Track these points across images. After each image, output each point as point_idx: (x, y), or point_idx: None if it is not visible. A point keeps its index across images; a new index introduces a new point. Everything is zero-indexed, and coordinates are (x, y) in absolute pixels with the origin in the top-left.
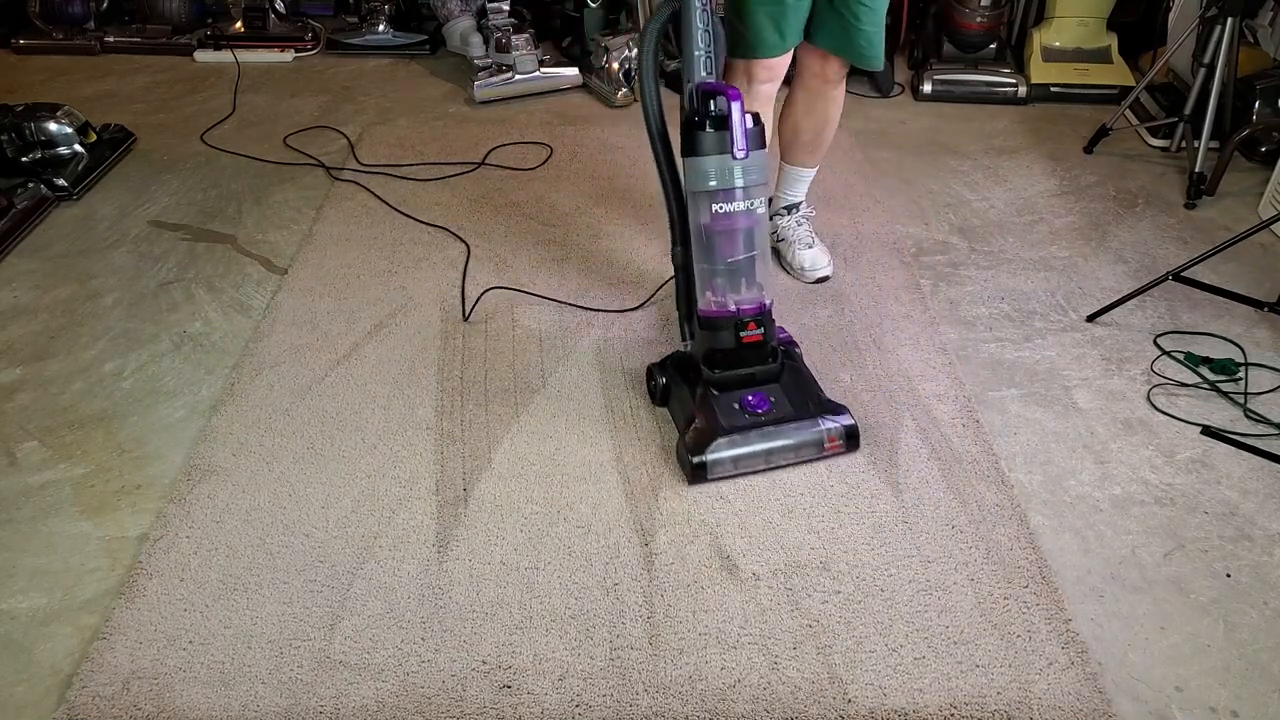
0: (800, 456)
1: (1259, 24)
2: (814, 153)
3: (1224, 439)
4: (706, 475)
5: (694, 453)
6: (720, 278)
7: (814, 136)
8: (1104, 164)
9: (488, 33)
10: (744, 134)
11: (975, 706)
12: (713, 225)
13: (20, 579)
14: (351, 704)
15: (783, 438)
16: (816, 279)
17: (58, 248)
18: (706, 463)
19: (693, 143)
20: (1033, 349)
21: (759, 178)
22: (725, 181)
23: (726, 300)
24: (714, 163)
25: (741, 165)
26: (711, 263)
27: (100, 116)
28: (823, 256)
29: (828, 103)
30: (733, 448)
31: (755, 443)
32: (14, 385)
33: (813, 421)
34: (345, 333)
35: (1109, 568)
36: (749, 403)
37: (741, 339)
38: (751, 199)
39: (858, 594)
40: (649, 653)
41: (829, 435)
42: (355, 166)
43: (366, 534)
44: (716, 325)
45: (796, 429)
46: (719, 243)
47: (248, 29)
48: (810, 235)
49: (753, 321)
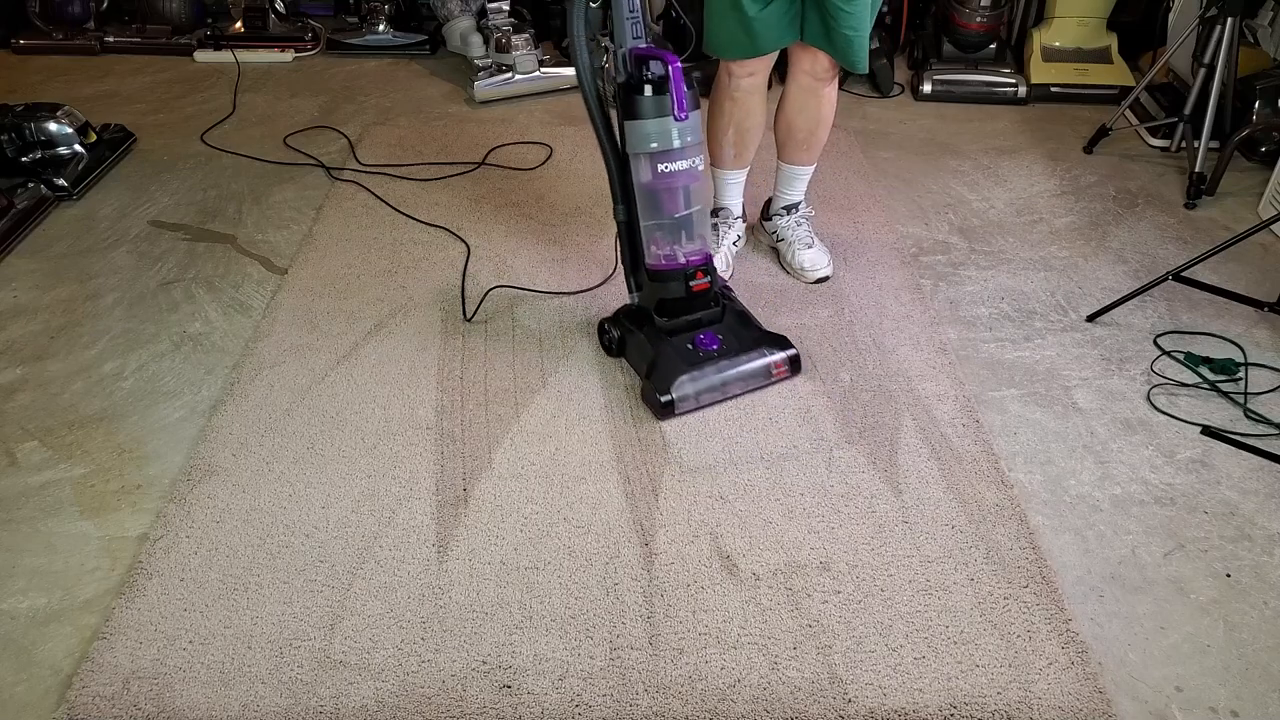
0: (750, 385)
1: (1259, 24)
2: (809, 151)
3: (1224, 439)
4: (675, 410)
5: (662, 391)
6: (666, 232)
7: (808, 135)
8: (1104, 164)
9: (488, 33)
10: (683, 97)
11: (975, 706)
12: (656, 184)
13: (20, 579)
14: (351, 704)
15: (735, 368)
16: (816, 279)
17: (58, 248)
18: (674, 399)
19: (632, 106)
20: (1033, 349)
21: (696, 137)
22: (666, 143)
23: (675, 253)
24: (654, 125)
25: (681, 126)
26: (658, 219)
27: (100, 116)
28: (822, 256)
29: (820, 101)
30: (694, 383)
31: (712, 376)
32: (14, 385)
33: (759, 353)
34: (345, 333)
35: (1109, 568)
36: (701, 341)
37: (691, 288)
38: (692, 157)
39: (858, 594)
40: (649, 653)
41: (775, 364)
42: (355, 166)
43: (366, 534)
44: (666, 277)
45: (746, 360)
46: (663, 199)
47: (248, 29)
48: (810, 235)
49: (700, 270)
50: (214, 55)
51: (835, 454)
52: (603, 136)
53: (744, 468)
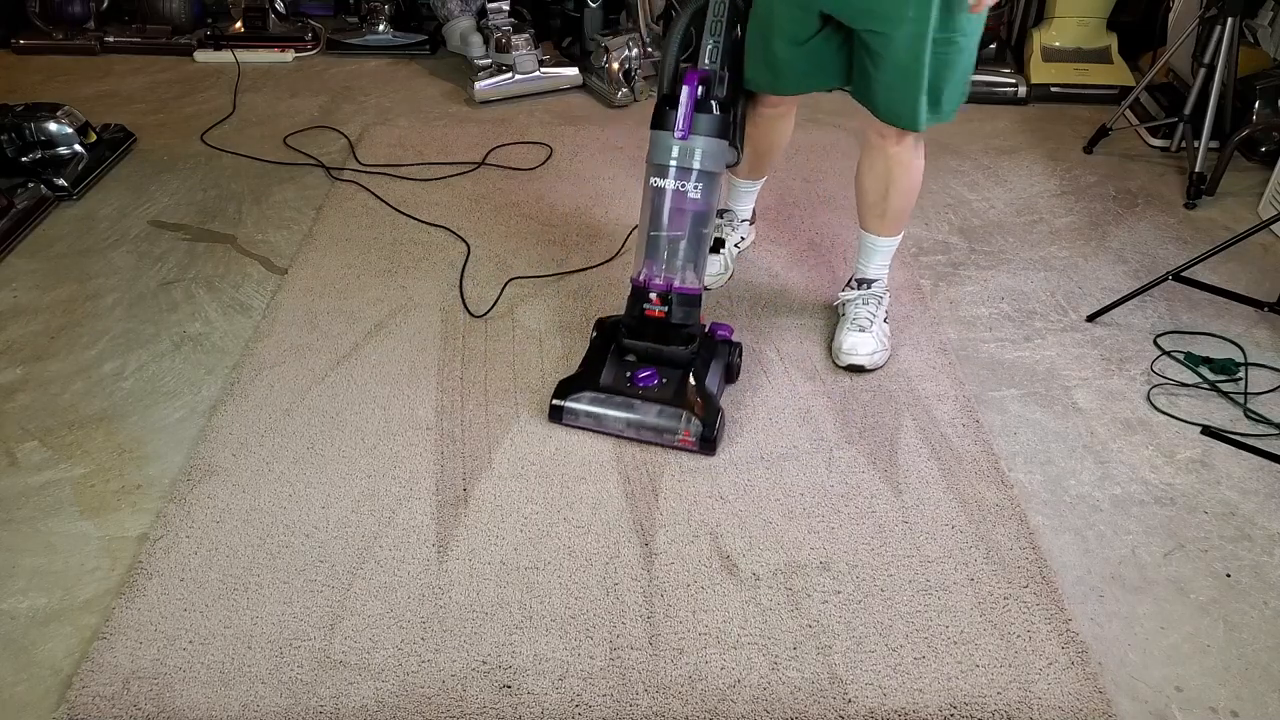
0: (657, 439)
1: (1259, 24)
2: (882, 219)
3: (1224, 439)
4: (561, 419)
5: (557, 394)
6: (646, 245)
7: (879, 199)
8: (1104, 164)
9: (488, 33)
10: (686, 115)
11: (975, 706)
12: (648, 194)
13: (20, 579)
14: (351, 704)
15: (641, 415)
16: (846, 364)
17: (58, 248)
18: (563, 408)
19: (655, 115)
20: (1033, 349)
21: (698, 163)
22: (660, 157)
23: (646, 270)
24: (659, 137)
25: (678, 145)
26: (642, 227)
27: (100, 116)
28: (868, 343)
29: (889, 163)
30: (594, 405)
31: (616, 409)
32: (14, 385)
33: (677, 413)
34: (345, 333)
35: (1109, 568)
36: (638, 375)
37: (644, 310)
38: (682, 180)
39: (858, 594)
40: (649, 653)
41: (685, 430)
42: (355, 166)
43: (366, 534)
44: (633, 292)
45: (660, 413)
46: (648, 211)
47: (248, 29)
48: (870, 319)
49: (657, 296)
50: (214, 55)
51: (835, 454)
52: None
53: (744, 468)
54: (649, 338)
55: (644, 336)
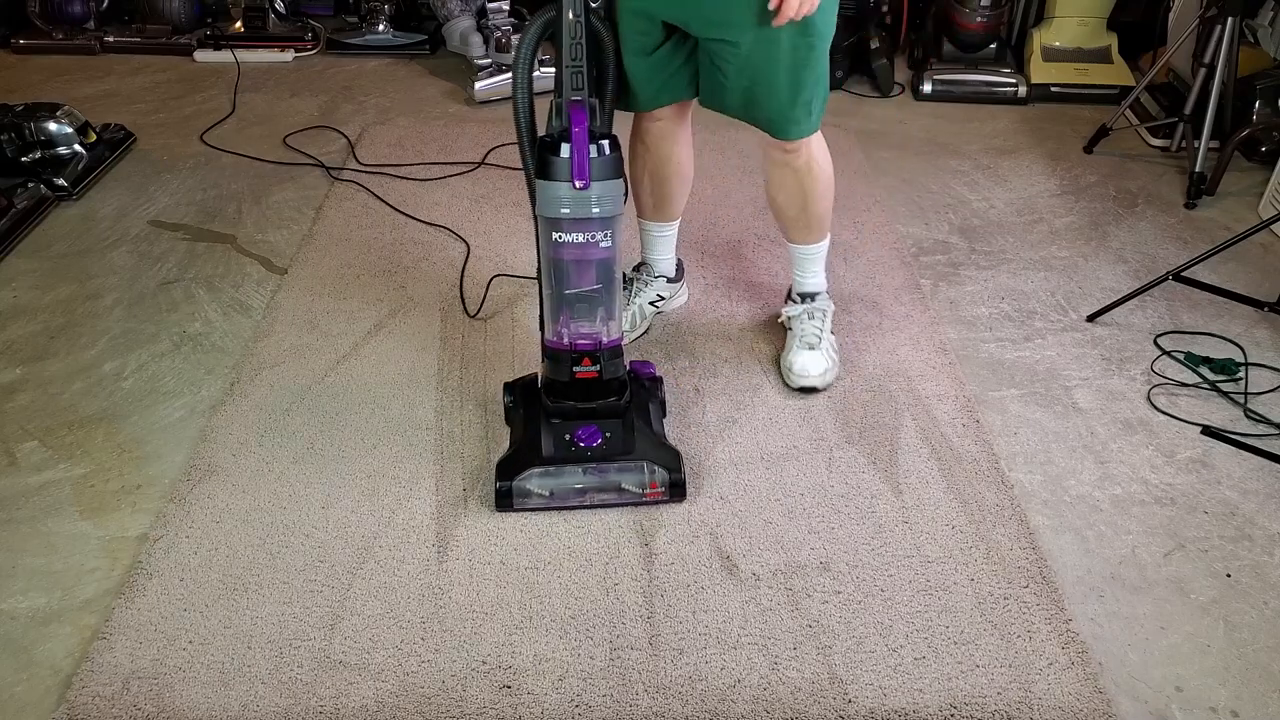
0: (620, 499)
1: (1259, 24)
2: (808, 229)
3: (1224, 439)
4: (512, 504)
5: (500, 476)
6: (562, 306)
7: (799, 212)
8: (1104, 164)
9: (488, 32)
10: (582, 162)
11: (975, 706)
12: (553, 252)
13: (20, 579)
14: (351, 704)
15: (601, 475)
16: (800, 386)
17: (58, 248)
18: (512, 489)
19: (540, 164)
20: (1033, 349)
21: (606, 209)
22: (553, 210)
23: (565, 331)
24: (553, 189)
25: (578, 196)
26: (552, 289)
27: (100, 116)
28: (819, 362)
29: (796, 175)
30: (545, 479)
31: (571, 478)
32: (14, 385)
33: (638, 465)
34: (345, 333)
35: (1109, 568)
36: (579, 435)
37: (575, 374)
38: (592, 231)
39: (858, 594)
40: (649, 653)
41: (650, 482)
42: (355, 166)
43: (366, 534)
44: (555, 356)
45: (619, 470)
46: (558, 270)
47: (248, 29)
48: (818, 335)
49: (587, 358)
50: (214, 55)
51: (835, 454)
52: (531, 185)
53: (744, 468)
54: (576, 397)
55: (571, 397)
